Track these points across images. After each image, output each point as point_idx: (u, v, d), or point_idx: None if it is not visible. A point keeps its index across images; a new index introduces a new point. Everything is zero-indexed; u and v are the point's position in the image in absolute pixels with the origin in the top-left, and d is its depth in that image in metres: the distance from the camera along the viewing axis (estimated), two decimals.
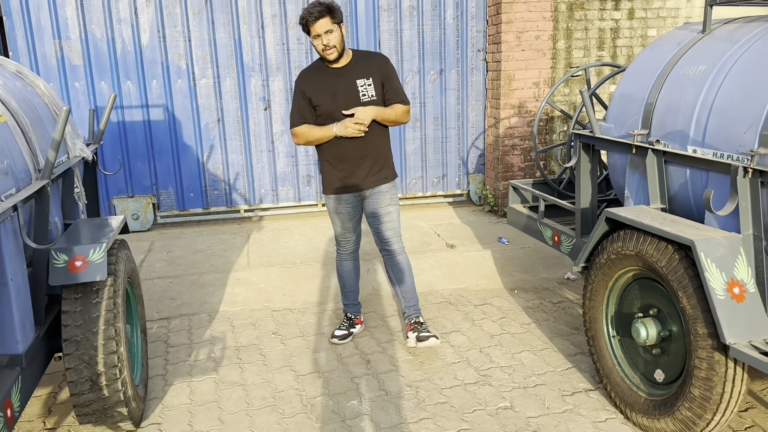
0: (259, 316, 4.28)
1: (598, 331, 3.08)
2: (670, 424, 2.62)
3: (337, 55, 3.29)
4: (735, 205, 2.47)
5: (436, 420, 2.97)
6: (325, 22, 3.18)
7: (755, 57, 2.64)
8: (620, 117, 3.30)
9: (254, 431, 2.91)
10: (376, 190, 3.55)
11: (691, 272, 2.47)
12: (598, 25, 6.26)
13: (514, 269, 4.99)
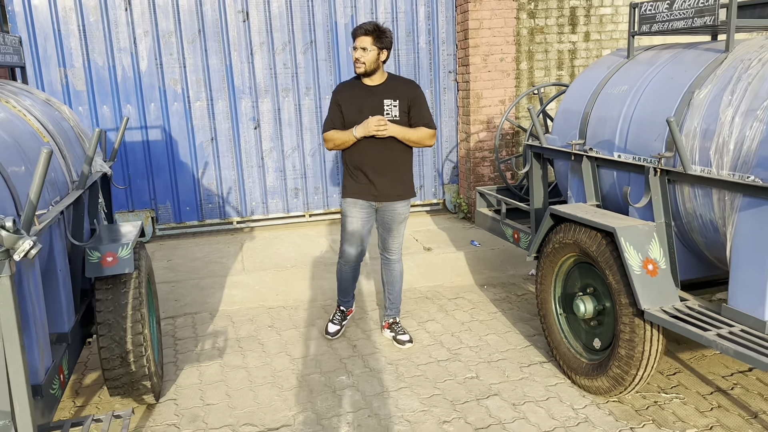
0: (255, 313, 4.79)
1: (548, 310, 3.64)
2: (604, 381, 3.17)
3: (364, 71, 3.66)
4: (649, 198, 3.05)
5: (413, 388, 3.49)
6: (366, 40, 3.59)
7: (665, 78, 3.24)
8: (563, 129, 3.89)
9: (258, 402, 3.42)
10: (391, 206, 3.88)
11: (615, 254, 3.03)
12: (557, 48, 6.90)
13: (484, 268, 5.54)
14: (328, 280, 5.29)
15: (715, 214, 2.81)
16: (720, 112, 2.74)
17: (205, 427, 3.18)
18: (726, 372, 3.52)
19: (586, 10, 6.90)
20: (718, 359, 3.67)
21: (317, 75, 6.74)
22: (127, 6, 6.18)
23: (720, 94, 2.79)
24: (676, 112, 2.97)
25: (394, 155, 3.79)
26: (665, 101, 3.10)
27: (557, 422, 3.10)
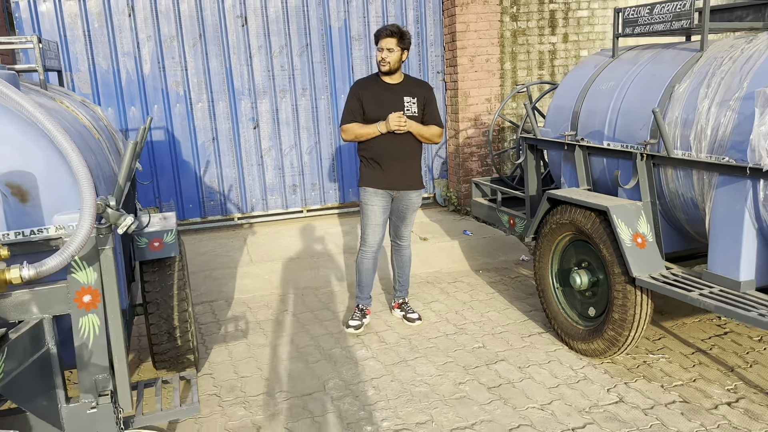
0: (269, 300, 5.10)
1: (546, 285, 4.04)
2: (600, 343, 3.58)
3: (388, 70, 3.99)
4: (636, 180, 3.47)
5: (428, 357, 3.86)
6: (391, 41, 3.91)
7: (647, 75, 3.66)
8: (555, 123, 4.30)
9: (288, 373, 3.75)
10: (406, 195, 4.19)
11: (608, 230, 3.44)
12: (538, 48, 7.34)
13: (478, 255, 5.94)
14: (333, 269, 5.63)
15: (695, 192, 3.24)
16: (698, 103, 3.17)
17: (243, 395, 3.50)
18: (704, 336, 3.96)
19: (564, 13, 7.36)
20: (697, 326, 4.11)
21: (313, 76, 7.07)
22: (131, 12, 6.44)
23: (697, 88, 3.22)
24: (660, 104, 3.39)
25: (409, 148, 4.11)
26: (649, 95, 3.52)
27: (559, 380, 3.49)
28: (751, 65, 3.04)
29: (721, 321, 4.16)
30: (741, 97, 2.97)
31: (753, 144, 2.80)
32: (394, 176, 4.13)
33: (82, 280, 2.16)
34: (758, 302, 2.86)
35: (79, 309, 2.18)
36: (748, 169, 2.84)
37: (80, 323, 2.19)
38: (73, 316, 2.18)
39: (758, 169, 2.80)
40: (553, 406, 3.24)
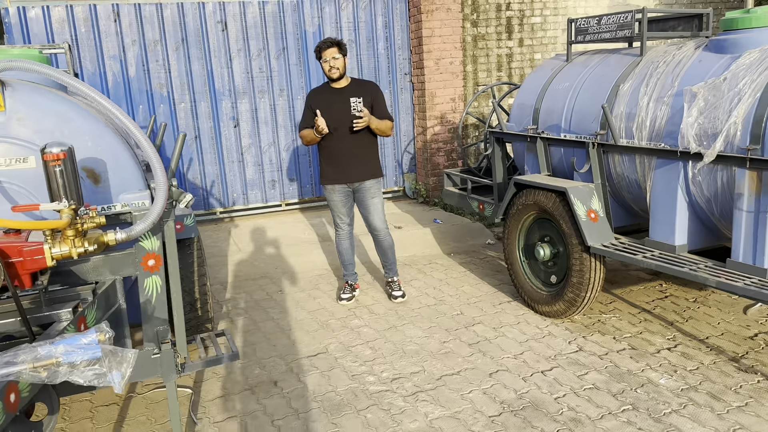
0: (262, 283, 5.56)
1: (514, 259, 4.64)
2: (561, 305, 4.19)
3: (339, 75, 4.50)
4: (589, 166, 4.10)
5: (414, 323, 4.41)
6: (334, 50, 4.44)
7: (597, 76, 4.30)
8: (519, 119, 4.91)
9: (291, 340, 4.23)
10: (363, 185, 4.71)
11: (567, 208, 4.06)
12: (497, 52, 7.99)
13: (449, 240, 6.53)
14: (316, 255, 6.12)
15: (637, 173, 3.88)
16: (639, 99, 3.81)
17: (256, 358, 3.98)
18: (648, 299, 4.63)
19: (519, 20, 8.03)
20: (641, 292, 4.78)
21: (290, 78, 7.54)
22: (116, 18, 6.79)
23: (638, 87, 3.87)
24: (607, 100, 4.03)
25: (361, 144, 4.62)
26: (598, 93, 4.16)
27: (528, 336, 4.10)
28: (681, 68, 3.70)
29: (662, 287, 4.84)
30: (673, 94, 3.63)
31: (683, 132, 3.45)
32: (348, 171, 4.64)
33: (147, 247, 2.61)
34: (689, 261, 3.52)
35: (144, 271, 2.63)
36: (680, 152, 3.49)
37: (145, 283, 2.65)
38: (139, 277, 2.64)
39: (687, 152, 3.45)
40: (524, 356, 3.83)
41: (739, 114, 3.21)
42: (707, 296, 4.61)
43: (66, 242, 2.18)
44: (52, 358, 1.83)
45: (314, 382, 3.63)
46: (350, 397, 3.44)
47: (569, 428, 3.03)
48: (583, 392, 3.36)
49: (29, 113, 2.56)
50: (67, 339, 1.89)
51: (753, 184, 3.18)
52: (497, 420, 3.14)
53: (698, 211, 3.62)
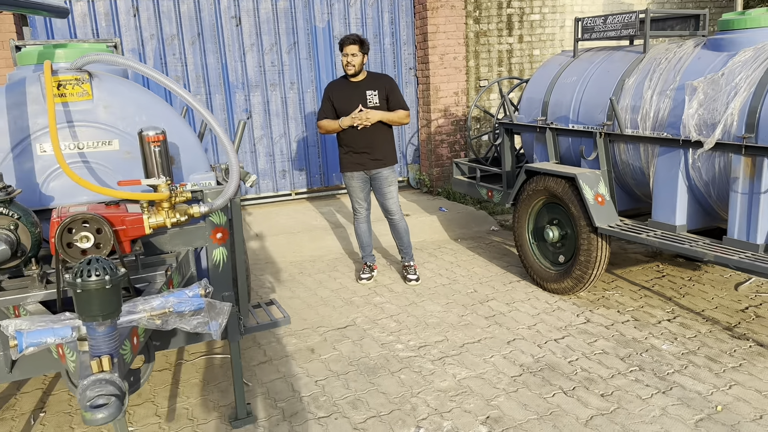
0: (283, 265, 5.88)
1: (523, 241, 5.00)
2: (569, 282, 4.56)
3: (354, 72, 4.85)
4: (596, 154, 4.46)
5: (432, 300, 4.76)
6: (353, 48, 4.77)
7: (602, 72, 4.66)
8: (528, 111, 5.27)
9: (320, 315, 4.56)
10: (378, 173, 5.04)
11: (575, 192, 4.42)
12: (498, 48, 8.35)
13: (455, 227, 6.88)
14: (331, 240, 6.44)
15: (641, 160, 4.26)
16: (643, 93, 4.18)
17: (290, 330, 4.31)
18: (647, 278, 5.02)
19: (519, 17, 8.39)
20: (641, 272, 5.17)
21: (300, 72, 7.84)
22: (135, 13, 7.05)
23: (642, 81, 4.24)
24: (614, 93, 4.40)
25: (376, 135, 4.95)
26: (605, 87, 4.53)
27: (539, 310, 4.46)
28: (682, 64, 4.07)
29: (659, 268, 5.24)
30: (675, 88, 4.00)
31: (684, 122, 3.82)
32: (365, 159, 4.97)
33: (216, 221, 2.93)
34: (689, 239, 3.90)
35: (213, 243, 2.95)
36: (681, 141, 3.87)
37: (214, 254, 2.96)
38: (209, 248, 2.95)
39: (688, 141, 3.82)
40: (537, 327, 4.20)
41: (735, 106, 3.59)
42: (701, 275, 5.00)
43: (161, 213, 2.49)
44: (164, 308, 2.15)
45: (348, 350, 3.97)
46: (383, 362, 3.79)
47: (584, 386, 3.40)
48: (594, 356, 3.73)
49: (113, 101, 2.87)
50: (175, 293, 2.21)
51: (748, 168, 3.56)
52: (518, 379, 3.50)
53: (697, 194, 4.00)
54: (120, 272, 1.82)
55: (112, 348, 1.83)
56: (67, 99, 2.78)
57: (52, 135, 2.44)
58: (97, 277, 1.75)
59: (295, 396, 3.45)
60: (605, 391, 3.34)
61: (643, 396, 3.27)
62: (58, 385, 3.70)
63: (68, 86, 2.77)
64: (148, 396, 3.51)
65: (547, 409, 3.20)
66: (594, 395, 3.30)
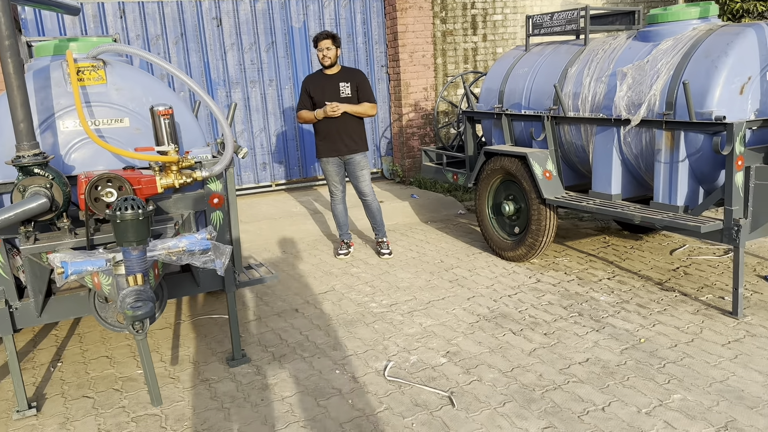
0: (266, 246, 6.38)
1: (484, 215, 5.57)
2: (523, 249, 5.14)
3: (330, 64, 5.38)
4: (544, 135, 5.05)
5: (403, 269, 5.31)
6: (327, 42, 5.31)
7: (549, 63, 5.26)
8: (486, 100, 5.85)
9: (302, 284, 5.08)
10: (351, 158, 5.57)
11: (527, 170, 5.00)
12: (463, 46, 8.94)
13: (425, 211, 7.44)
14: (310, 224, 6.96)
15: (582, 139, 4.85)
16: (582, 80, 4.78)
17: (276, 296, 4.82)
18: (594, 247, 5.62)
19: (483, 17, 8.99)
20: (588, 242, 5.77)
21: (278, 69, 8.34)
22: (122, 14, 7.49)
23: (582, 70, 4.84)
24: (558, 81, 4.99)
25: (348, 124, 5.48)
26: (551, 76, 5.12)
27: (497, 274, 5.03)
28: (615, 54, 4.68)
29: (606, 239, 5.85)
30: (609, 74, 4.60)
31: (616, 103, 4.43)
32: (338, 145, 5.50)
33: (213, 188, 3.43)
34: (622, 206, 4.50)
35: (211, 207, 3.45)
36: (614, 120, 4.47)
37: (212, 216, 3.46)
38: (207, 211, 3.46)
39: (619, 119, 4.43)
40: (494, 286, 4.76)
41: (657, 88, 4.20)
42: (642, 244, 5.62)
43: (170, 176, 3.00)
44: (178, 247, 2.66)
45: (328, 309, 4.50)
46: (359, 317, 4.32)
47: (530, 327, 3.97)
48: (541, 307, 4.31)
49: (124, 84, 3.36)
50: (186, 236, 2.72)
51: (668, 141, 4.16)
52: (475, 325, 4.06)
53: (629, 166, 4.60)
54: (149, 209, 2.32)
55: (143, 268, 2.33)
56: (85, 83, 3.27)
57: (79, 111, 2.93)
58: (132, 210, 2.26)
59: (283, 343, 3.96)
60: (548, 330, 3.91)
61: (579, 333, 3.85)
62: (71, 342, 4.16)
63: (86, 72, 3.26)
64: (152, 347, 4.00)
65: (498, 345, 3.76)
66: (538, 334, 3.87)
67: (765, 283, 4.51)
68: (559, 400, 3.11)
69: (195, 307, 4.68)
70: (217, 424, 3.07)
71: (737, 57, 3.92)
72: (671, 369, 3.35)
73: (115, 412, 3.23)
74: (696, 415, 2.92)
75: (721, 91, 3.90)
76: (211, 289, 3.52)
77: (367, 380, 3.42)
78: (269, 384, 3.44)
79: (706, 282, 4.59)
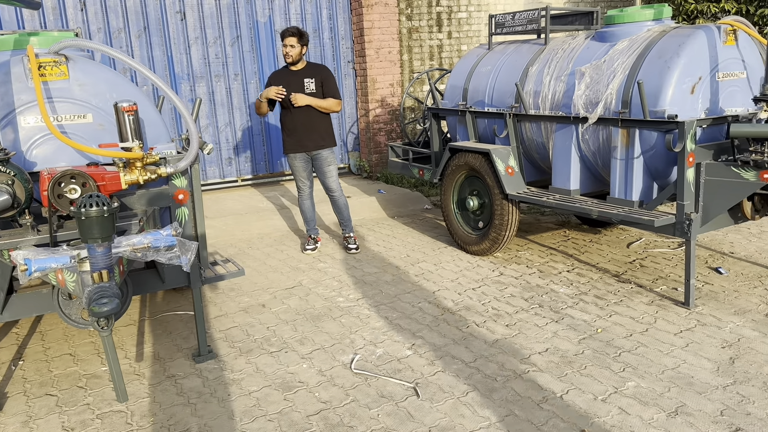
0: (232, 242, 6.37)
1: (449, 210, 5.67)
2: (486, 243, 5.25)
3: (292, 61, 5.40)
4: (507, 132, 5.16)
5: (369, 263, 5.37)
6: (293, 39, 5.33)
7: (511, 61, 5.37)
8: (451, 97, 5.94)
9: (269, 279, 5.10)
10: (318, 154, 5.60)
11: (490, 166, 5.11)
12: (429, 43, 9.03)
13: (392, 206, 7.51)
14: (278, 220, 6.97)
15: (543, 136, 4.98)
16: (543, 78, 4.90)
17: (243, 291, 4.83)
18: (555, 241, 5.77)
19: (448, 15, 9.09)
20: (549, 237, 5.92)
21: (243, 63, 8.31)
22: (83, 7, 7.37)
23: (542, 69, 4.96)
24: (520, 80, 5.10)
25: (314, 119, 5.52)
26: (513, 75, 5.23)
27: (462, 268, 5.14)
28: (574, 53, 4.81)
29: (566, 233, 6.00)
30: (568, 73, 4.73)
31: (574, 102, 4.55)
32: (304, 141, 5.54)
33: (178, 184, 3.43)
34: (580, 201, 4.64)
35: (176, 203, 3.46)
36: (572, 117, 4.60)
37: (177, 213, 3.47)
38: (172, 207, 3.46)
39: (577, 117, 4.56)
40: (459, 280, 4.86)
41: (613, 87, 4.34)
42: (600, 237, 5.80)
43: (134, 172, 3.00)
44: (143, 244, 2.67)
45: (295, 304, 4.54)
46: (326, 311, 4.37)
47: (493, 319, 4.08)
48: (503, 299, 4.42)
49: (87, 80, 3.34)
50: (152, 233, 2.73)
51: (624, 138, 4.31)
52: (440, 318, 4.15)
53: (587, 162, 4.75)
54: (114, 205, 2.33)
55: (108, 264, 2.34)
56: (47, 78, 3.24)
57: (41, 107, 2.91)
58: (97, 207, 2.27)
59: (250, 338, 3.99)
60: (510, 322, 4.03)
61: (539, 324, 3.97)
62: (32, 339, 4.11)
63: (48, 67, 3.23)
64: (117, 344, 3.98)
65: (461, 336, 3.86)
66: (500, 325, 3.98)
67: (716, 274, 4.71)
68: (519, 389, 3.21)
69: (160, 304, 4.67)
70: (184, 419, 3.10)
71: (688, 58, 4.08)
72: (626, 357, 3.49)
73: (79, 410, 3.22)
74: (649, 401, 3.05)
75: (674, 90, 4.06)
76: (176, 285, 3.54)
77: (334, 373, 3.48)
78: (235, 379, 3.47)
79: (661, 274, 4.77)
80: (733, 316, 3.95)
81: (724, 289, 4.40)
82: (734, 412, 2.93)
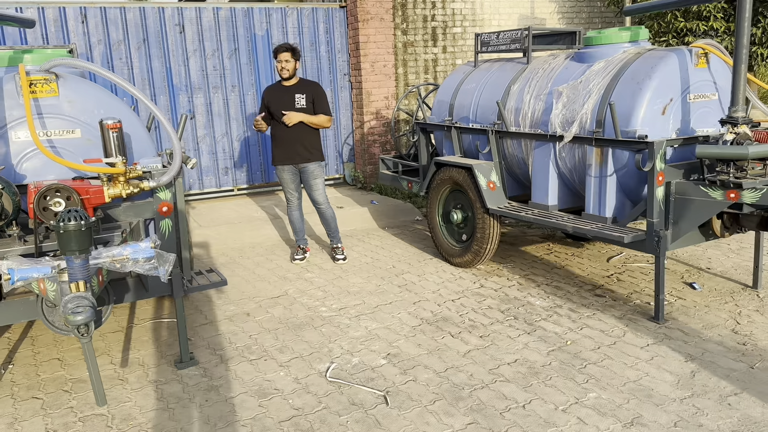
0: (224, 250, 6.52)
1: (434, 223, 5.81)
2: (469, 256, 5.39)
3: (287, 76, 5.57)
4: (489, 148, 5.31)
5: (356, 274, 5.51)
6: (287, 55, 5.51)
7: (495, 79, 5.52)
8: (438, 113, 6.09)
9: (257, 288, 5.24)
10: (305, 167, 5.75)
11: (473, 180, 5.25)
12: (424, 57, 9.20)
13: (383, 217, 7.65)
14: (270, 229, 7.12)
15: (523, 153, 5.12)
16: (524, 97, 5.05)
17: (230, 299, 4.97)
18: (537, 255, 5.90)
19: (443, 30, 9.26)
20: (533, 250, 6.04)
21: (241, 75, 8.49)
22: (84, 19, 7.57)
23: (524, 88, 5.10)
24: (501, 98, 5.25)
25: (303, 134, 5.67)
26: (496, 92, 5.38)
27: (444, 280, 5.27)
28: (553, 73, 4.95)
29: (549, 247, 6.13)
30: (547, 93, 4.88)
31: (552, 120, 4.70)
32: (292, 154, 5.69)
33: (162, 197, 3.58)
34: (557, 216, 4.76)
35: (160, 215, 3.60)
36: (549, 135, 4.74)
37: (161, 224, 3.62)
38: (156, 219, 3.61)
39: (555, 135, 4.70)
40: (440, 291, 5.00)
41: (588, 107, 4.48)
42: (582, 251, 5.92)
43: (117, 186, 3.15)
44: (123, 255, 2.82)
45: (279, 313, 4.67)
46: (308, 320, 4.50)
47: (468, 330, 4.21)
48: (480, 311, 4.55)
49: (76, 97, 3.50)
50: (131, 245, 2.88)
51: (598, 157, 4.44)
52: (417, 328, 4.28)
53: (564, 179, 4.88)
54: (91, 219, 2.48)
55: (85, 275, 2.49)
56: (38, 95, 3.41)
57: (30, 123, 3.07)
58: (75, 221, 2.42)
59: (232, 346, 4.13)
60: (484, 333, 4.15)
61: (512, 336, 4.09)
62: (23, 344, 4.26)
63: (38, 85, 3.40)
64: (103, 350, 4.13)
65: (436, 347, 3.98)
66: (474, 336, 4.11)
67: (690, 289, 4.82)
68: (485, 398, 3.34)
69: (148, 311, 4.81)
70: (161, 423, 3.23)
71: (660, 80, 4.22)
72: (591, 369, 3.61)
73: (63, 413, 3.36)
74: (607, 411, 3.17)
75: (645, 111, 4.19)
76: (159, 294, 3.68)
77: (309, 381, 3.61)
78: (214, 385, 3.60)
79: (636, 288, 4.89)
80: (700, 331, 4.06)
81: (695, 304, 4.52)
82: (687, 423, 3.04)
